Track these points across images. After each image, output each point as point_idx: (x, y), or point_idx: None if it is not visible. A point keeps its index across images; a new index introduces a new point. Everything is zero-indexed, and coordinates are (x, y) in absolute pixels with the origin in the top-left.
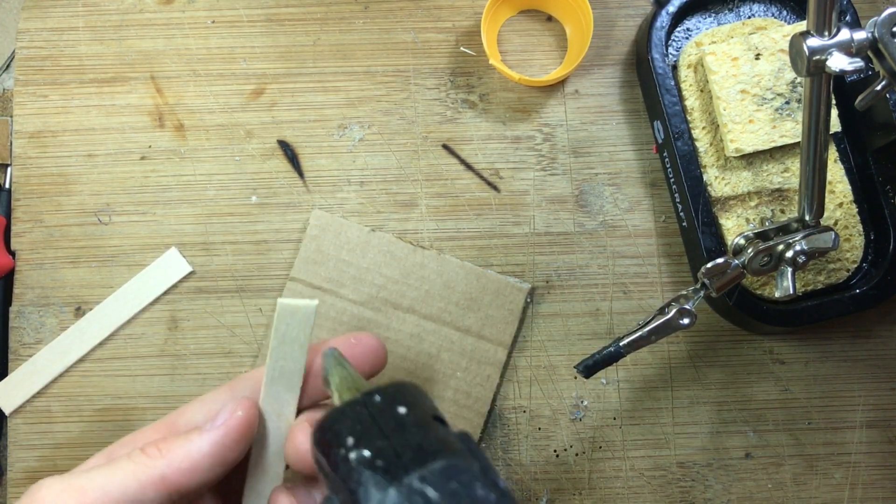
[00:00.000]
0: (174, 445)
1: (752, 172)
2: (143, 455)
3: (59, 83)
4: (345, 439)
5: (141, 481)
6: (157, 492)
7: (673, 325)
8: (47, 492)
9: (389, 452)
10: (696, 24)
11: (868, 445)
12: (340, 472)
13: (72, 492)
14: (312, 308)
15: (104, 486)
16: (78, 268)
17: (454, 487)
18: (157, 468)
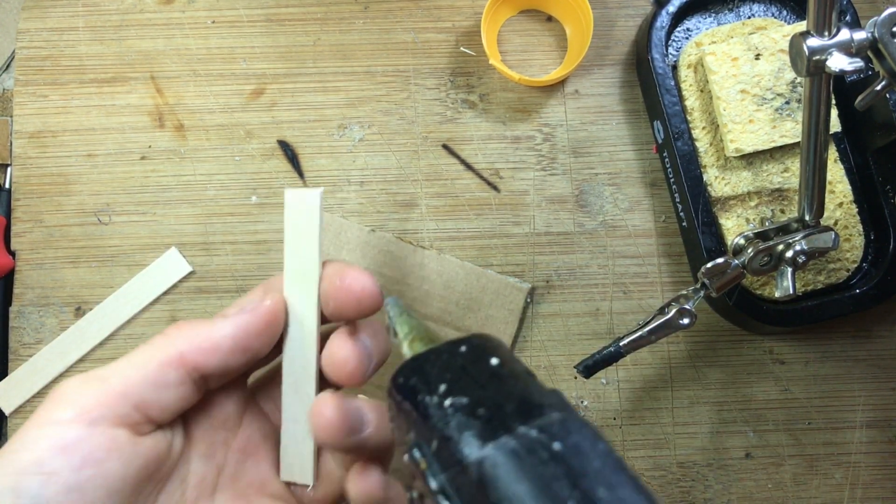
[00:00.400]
0: (195, 326)
1: (752, 172)
2: (161, 336)
3: (59, 83)
4: (435, 386)
5: (160, 361)
6: (176, 371)
7: (673, 325)
8: (68, 387)
9: (490, 402)
10: (696, 24)
11: (868, 445)
12: (432, 419)
13: (92, 381)
14: (317, 194)
15: (124, 371)
16: (78, 268)
17: (577, 441)
18: (175, 346)
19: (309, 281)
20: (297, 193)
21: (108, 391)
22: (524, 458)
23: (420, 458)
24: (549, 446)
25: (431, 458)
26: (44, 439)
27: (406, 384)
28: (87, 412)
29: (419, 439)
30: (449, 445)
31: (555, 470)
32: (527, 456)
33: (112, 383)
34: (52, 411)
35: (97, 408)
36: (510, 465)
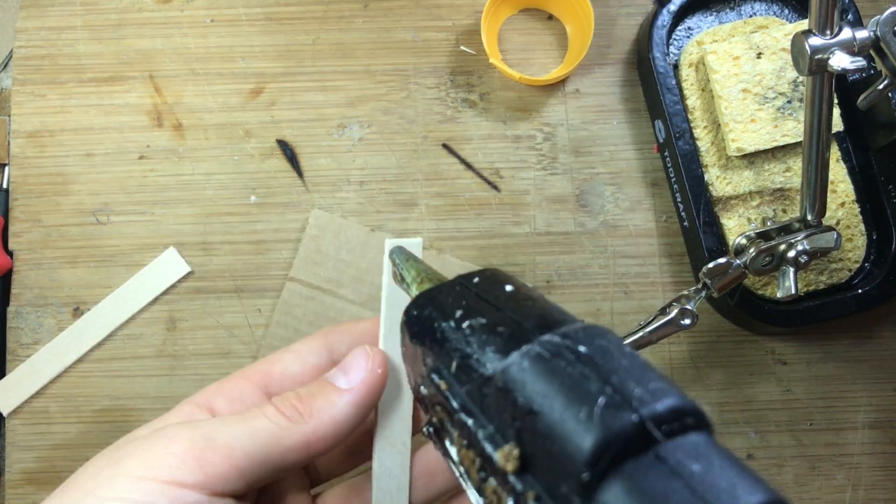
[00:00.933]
0: (316, 407)
1: (754, 172)
2: (282, 417)
3: (57, 82)
4: (451, 312)
5: (286, 447)
6: (297, 459)
7: (674, 325)
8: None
9: (509, 320)
10: (697, 22)
11: (870, 446)
12: (450, 342)
13: (217, 451)
14: (418, 244)
15: (248, 449)
16: (76, 268)
17: (603, 344)
18: (303, 434)
19: None
20: (398, 245)
21: (231, 467)
22: (550, 361)
23: (440, 381)
24: (575, 349)
25: (451, 379)
26: (165, 497)
27: (420, 314)
28: (211, 484)
29: (437, 363)
30: (469, 362)
31: (582, 370)
32: (552, 359)
33: (236, 458)
34: (172, 468)
35: (219, 481)
36: (536, 368)
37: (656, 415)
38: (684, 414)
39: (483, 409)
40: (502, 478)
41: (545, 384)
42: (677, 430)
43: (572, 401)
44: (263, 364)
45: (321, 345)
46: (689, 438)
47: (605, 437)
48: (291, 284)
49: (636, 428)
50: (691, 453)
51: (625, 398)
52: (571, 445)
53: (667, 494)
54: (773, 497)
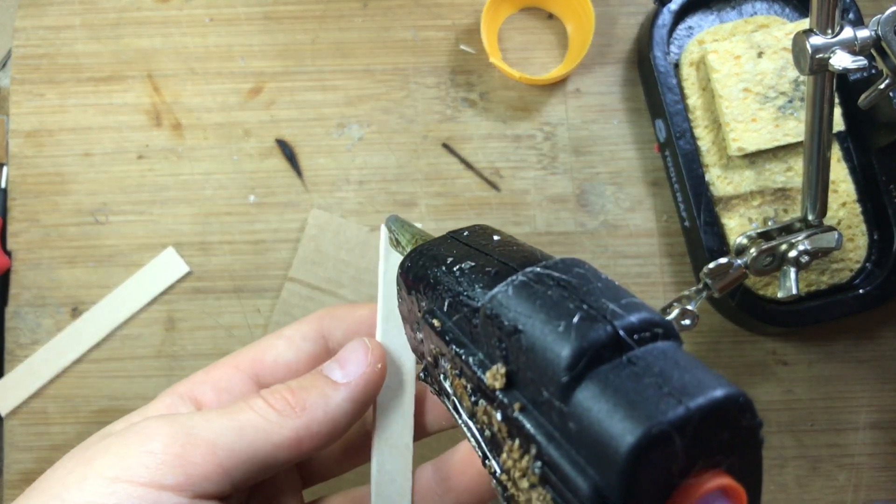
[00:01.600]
0: (309, 401)
1: (755, 172)
2: (272, 410)
3: (55, 81)
4: (443, 259)
5: (275, 443)
6: (288, 456)
7: (675, 325)
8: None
9: (496, 262)
10: (698, 21)
11: (872, 447)
12: (442, 284)
13: (199, 449)
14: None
15: (233, 446)
16: (74, 268)
17: (580, 271)
18: (293, 429)
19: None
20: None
21: (215, 465)
22: (532, 286)
23: (433, 320)
24: (555, 276)
25: (444, 316)
26: (142, 500)
27: (414, 265)
28: (192, 485)
29: (432, 305)
30: (460, 299)
31: (561, 292)
32: (534, 285)
33: (220, 456)
34: (150, 468)
35: (202, 482)
36: (519, 293)
37: (627, 325)
38: (653, 325)
39: (473, 339)
40: (491, 396)
41: (528, 306)
42: (647, 339)
43: (552, 317)
44: (253, 350)
45: (315, 330)
46: (658, 345)
47: (581, 346)
48: (290, 284)
49: (609, 336)
50: (660, 357)
51: (599, 312)
52: (552, 354)
53: (636, 390)
54: (735, 391)
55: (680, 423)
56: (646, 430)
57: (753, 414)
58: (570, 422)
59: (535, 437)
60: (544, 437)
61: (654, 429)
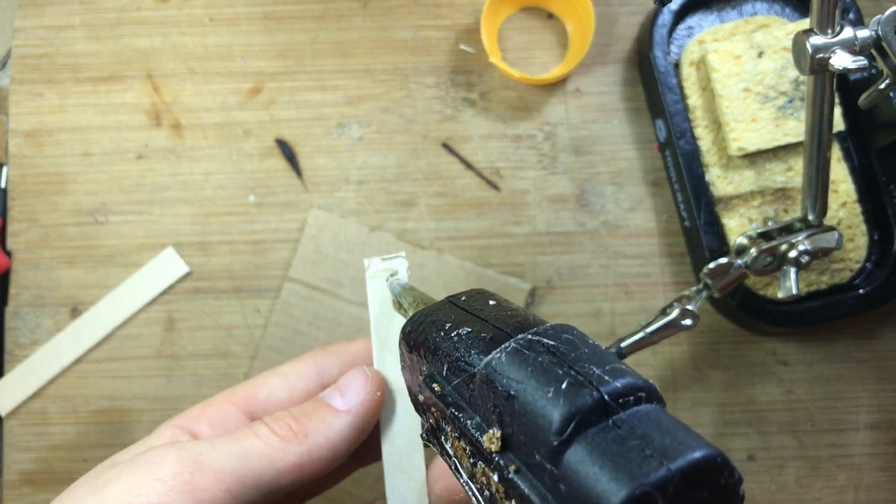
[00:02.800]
0: (311, 427)
1: (755, 171)
2: (275, 437)
3: (55, 81)
4: (442, 324)
5: (279, 469)
6: (291, 481)
7: (675, 325)
8: (175, 466)
9: (491, 328)
10: (698, 21)
11: (872, 447)
12: (441, 350)
13: (208, 474)
14: (403, 263)
15: (238, 470)
16: (74, 268)
17: (568, 338)
18: (296, 455)
19: None
20: (379, 262)
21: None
22: (523, 353)
23: (434, 384)
24: (545, 342)
25: (443, 381)
26: None
27: (416, 329)
28: None
29: (432, 369)
30: (458, 364)
31: (551, 358)
32: (526, 352)
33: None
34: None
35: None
36: (512, 360)
37: (612, 390)
38: (637, 389)
39: (471, 403)
40: (488, 459)
41: (520, 372)
42: (631, 403)
43: (542, 383)
44: (248, 388)
45: (310, 367)
46: (642, 408)
47: (569, 411)
48: (290, 284)
49: (595, 402)
50: (643, 420)
51: (586, 378)
52: (543, 419)
53: (621, 453)
54: (712, 452)
55: (661, 483)
56: (629, 492)
57: (731, 472)
58: (560, 483)
59: (529, 497)
60: (538, 498)
61: (638, 490)
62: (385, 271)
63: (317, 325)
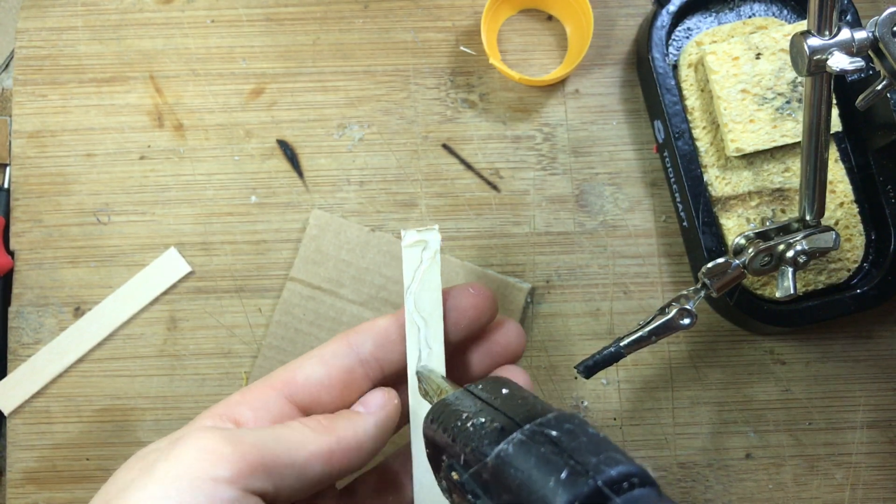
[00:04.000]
0: (339, 424)
1: (753, 172)
2: (306, 428)
3: (57, 83)
4: (460, 415)
5: (311, 452)
6: (322, 467)
7: (673, 325)
8: (215, 440)
9: (503, 417)
10: (696, 23)
11: (869, 446)
12: (459, 440)
13: (246, 446)
14: (436, 236)
15: (275, 449)
16: (77, 268)
17: (570, 427)
18: (327, 443)
19: (434, 318)
20: (415, 234)
21: (261, 462)
22: (528, 445)
23: (453, 473)
24: (548, 433)
25: (461, 470)
26: (201, 492)
27: (436, 420)
28: (244, 478)
29: (451, 460)
30: (474, 454)
31: (552, 448)
32: (529, 443)
33: (266, 455)
34: (204, 463)
35: (251, 476)
36: (517, 451)
37: (608, 479)
38: (631, 476)
39: (485, 490)
40: None
41: (525, 462)
42: (626, 489)
43: (544, 473)
44: (285, 372)
45: (343, 345)
46: (635, 493)
47: (569, 499)
48: (292, 284)
49: (592, 490)
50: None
51: (584, 468)
52: None
53: None
54: None
55: None
56: None
57: None
58: None
59: None
60: None
61: None
62: (420, 242)
63: (318, 324)
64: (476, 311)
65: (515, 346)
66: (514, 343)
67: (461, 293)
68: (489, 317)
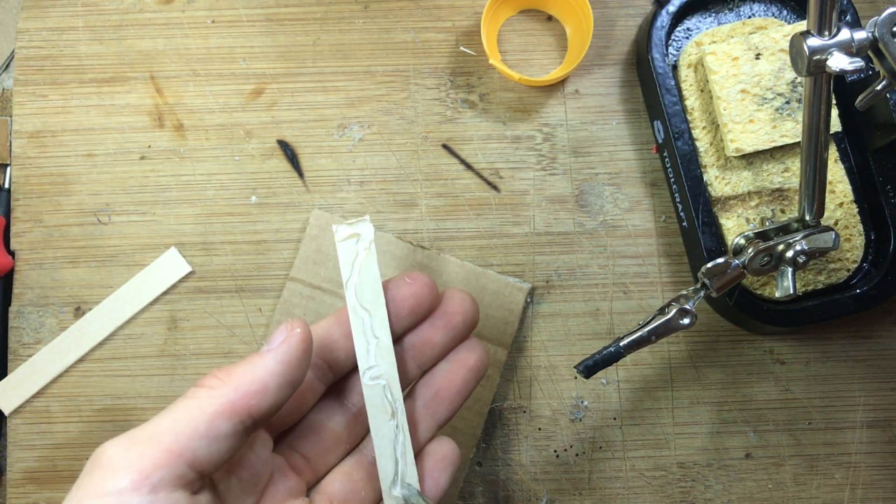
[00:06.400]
0: (237, 371)
1: (753, 172)
2: (203, 389)
3: (58, 83)
4: None
5: (209, 414)
6: (229, 421)
7: (673, 325)
8: (113, 451)
9: None
10: (696, 23)
11: (868, 446)
12: None
13: (142, 442)
14: (368, 226)
15: (173, 428)
16: (77, 268)
17: None
18: (224, 396)
19: (377, 308)
20: (347, 228)
21: (162, 451)
22: None
23: None
24: None
25: None
26: None
27: None
28: (146, 477)
29: None
30: None
31: None
32: None
33: (164, 442)
34: (106, 480)
35: (155, 471)
36: None
37: None
38: None
39: None
40: None
41: None
42: None
43: None
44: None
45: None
46: None
47: None
48: (292, 284)
49: None
50: None
51: None
52: None
53: None
54: None
55: None
56: None
57: None
58: None
59: None
60: None
61: None
62: (354, 235)
63: None
64: (415, 300)
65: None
66: (468, 308)
67: (398, 284)
68: (430, 304)
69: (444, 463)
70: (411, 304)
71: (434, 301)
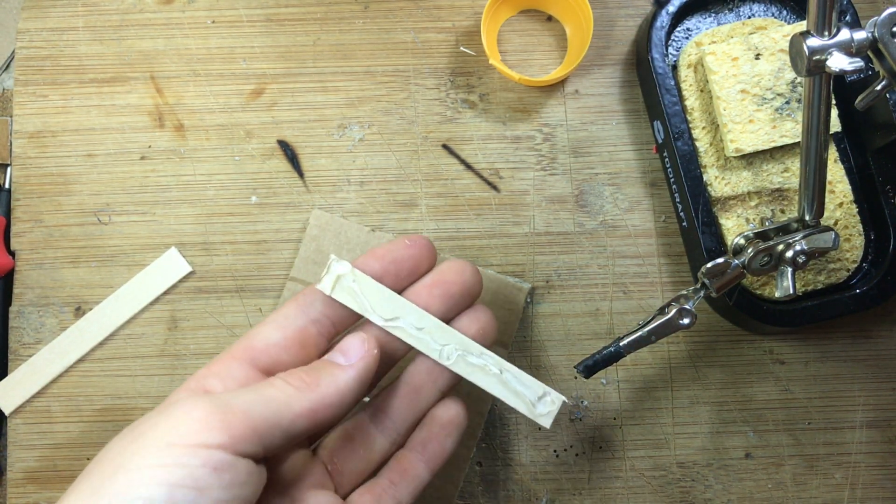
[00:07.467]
0: (322, 379)
1: (752, 172)
2: (290, 387)
3: (58, 83)
4: None
5: (295, 412)
6: (306, 423)
7: (673, 325)
8: (204, 409)
9: None
10: (696, 24)
11: (868, 445)
12: None
13: (237, 414)
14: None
15: (263, 413)
16: (78, 268)
17: None
18: (310, 401)
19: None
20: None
21: (250, 428)
22: None
23: None
24: None
25: None
26: (197, 458)
27: None
28: (236, 443)
29: None
30: None
31: None
32: None
33: (255, 420)
34: (201, 433)
35: (242, 442)
36: None
37: None
38: None
39: None
40: None
41: None
42: None
43: None
44: (244, 340)
45: (294, 308)
46: None
47: None
48: (292, 284)
49: None
50: None
51: None
52: None
53: None
54: None
55: None
56: None
57: None
58: None
59: None
60: None
61: None
62: (336, 280)
63: None
64: (414, 261)
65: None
66: (466, 278)
67: (398, 246)
68: (429, 264)
69: (450, 427)
70: (410, 266)
71: (431, 262)
